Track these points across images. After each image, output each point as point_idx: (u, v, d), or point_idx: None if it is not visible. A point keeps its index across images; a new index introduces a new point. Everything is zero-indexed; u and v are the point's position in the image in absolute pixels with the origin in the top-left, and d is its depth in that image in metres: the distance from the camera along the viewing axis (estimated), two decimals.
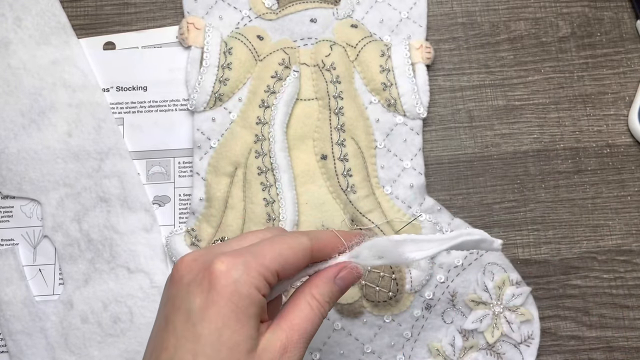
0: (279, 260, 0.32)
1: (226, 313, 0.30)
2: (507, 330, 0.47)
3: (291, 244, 0.33)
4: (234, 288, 0.30)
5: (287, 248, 0.33)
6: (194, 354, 0.30)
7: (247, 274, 0.31)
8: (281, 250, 0.32)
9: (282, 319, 0.33)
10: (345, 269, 0.34)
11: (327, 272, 0.34)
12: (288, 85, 0.49)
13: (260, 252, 0.32)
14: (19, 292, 0.48)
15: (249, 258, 0.32)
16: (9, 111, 0.50)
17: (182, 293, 0.31)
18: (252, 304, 0.31)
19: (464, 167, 0.51)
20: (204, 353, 0.30)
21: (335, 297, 0.35)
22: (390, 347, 0.47)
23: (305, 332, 0.33)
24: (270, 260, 0.32)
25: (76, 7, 0.53)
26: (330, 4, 0.52)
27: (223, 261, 0.31)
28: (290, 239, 0.33)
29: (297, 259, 0.33)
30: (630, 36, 0.53)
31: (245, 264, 0.31)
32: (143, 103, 0.51)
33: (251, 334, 0.31)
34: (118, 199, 0.49)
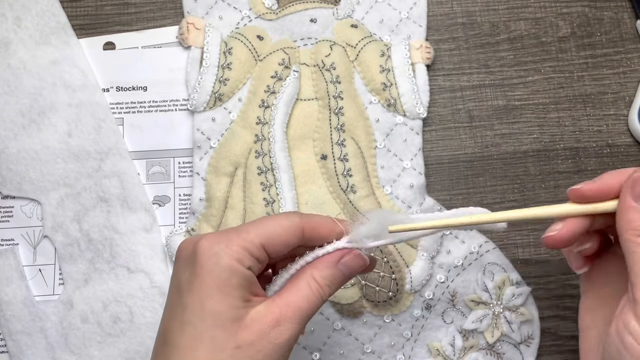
0: (264, 234, 0.33)
1: (208, 284, 0.32)
2: (507, 330, 0.47)
3: (279, 221, 0.34)
4: (215, 260, 0.32)
5: (274, 224, 0.33)
6: (181, 323, 0.32)
7: (228, 247, 0.32)
8: (268, 226, 0.33)
9: (279, 296, 0.33)
10: (349, 254, 0.34)
11: (330, 257, 0.34)
12: (288, 85, 0.49)
13: (245, 229, 0.33)
14: (19, 292, 0.48)
15: (232, 234, 0.33)
16: (9, 111, 0.50)
17: (176, 269, 0.34)
18: (233, 275, 0.32)
19: (464, 167, 0.51)
20: (189, 322, 0.32)
21: (337, 281, 0.35)
22: (390, 347, 0.47)
23: (301, 310, 0.33)
24: (255, 235, 0.33)
25: (76, 7, 0.53)
26: (330, 4, 0.52)
27: (207, 238, 0.33)
28: (280, 216, 0.34)
29: (286, 234, 0.33)
30: (630, 36, 0.53)
31: (227, 240, 0.33)
32: (143, 103, 0.51)
33: (235, 304, 0.32)
34: (118, 199, 0.49)
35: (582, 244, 0.36)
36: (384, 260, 0.47)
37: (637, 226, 0.32)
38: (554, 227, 0.34)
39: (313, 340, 0.47)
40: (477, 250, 0.48)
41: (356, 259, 0.35)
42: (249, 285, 0.33)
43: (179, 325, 0.32)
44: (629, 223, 0.32)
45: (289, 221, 0.34)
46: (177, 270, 0.34)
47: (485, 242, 0.48)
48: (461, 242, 0.48)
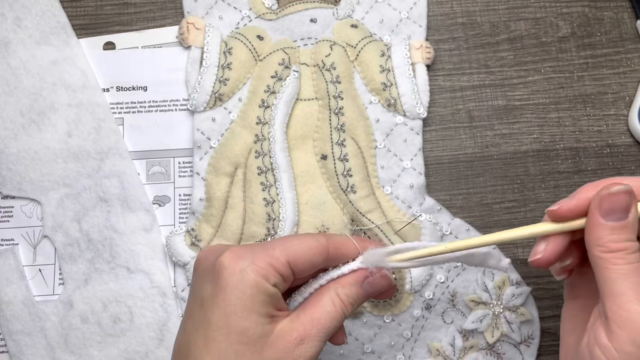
0: (290, 252, 0.33)
1: (232, 300, 0.31)
2: (507, 331, 0.47)
3: (306, 240, 0.34)
4: (240, 277, 0.31)
5: (300, 243, 0.33)
6: (205, 338, 0.31)
7: (253, 263, 0.32)
8: (294, 245, 0.33)
9: (303, 312, 0.33)
10: (376, 274, 0.35)
11: (355, 275, 0.34)
12: (288, 85, 0.49)
13: (271, 245, 0.33)
14: (19, 292, 0.48)
15: (258, 249, 0.33)
16: (8, 111, 0.50)
17: (198, 281, 0.33)
18: (259, 292, 0.32)
19: (464, 167, 0.51)
20: (214, 338, 0.31)
21: (359, 300, 0.35)
22: (390, 347, 0.47)
23: (324, 327, 0.33)
24: (281, 252, 0.33)
25: (76, 7, 0.53)
26: (330, 4, 0.52)
27: (232, 251, 0.32)
28: (307, 236, 0.34)
29: (312, 253, 0.33)
30: (630, 36, 0.53)
31: (252, 255, 0.32)
32: (143, 103, 0.51)
33: (260, 321, 0.32)
34: (118, 199, 0.49)
35: (563, 260, 0.36)
36: None
37: (604, 243, 0.32)
38: (538, 249, 0.35)
39: None
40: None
41: (382, 280, 0.35)
42: (274, 302, 0.32)
43: (203, 340, 0.32)
44: (596, 240, 0.32)
45: (316, 241, 0.34)
46: (199, 282, 0.33)
47: None
48: None
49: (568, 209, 0.34)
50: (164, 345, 0.47)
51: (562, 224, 0.34)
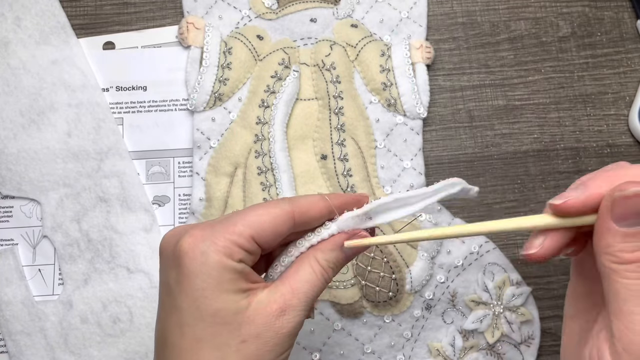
0: (252, 225, 0.31)
1: (199, 284, 0.30)
2: (508, 331, 0.47)
3: (268, 209, 0.32)
4: (202, 260, 0.30)
5: (262, 213, 0.32)
6: (179, 325, 0.31)
7: (214, 243, 0.31)
8: (256, 216, 0.32)
9: (282, 282, 0.32)
10: (354, 236, 0.33)
11: (334, 238, 0.33)
12: (288, 85, 0.49)
13: (231, 220, 0.32)
14: (19, 292, 0.48)
15: (218, 227, 0.31)
16: (8, 111, 0.50)
17: (162, 268, 0.33)
18: (225, 272, 0.31)
19: (464, 167, 0.51)
20: (187, 323, 0.31)
21: (340, 264, 0.34)
22: (390, 347, 0.47)
23: (306, 296, 0.32)
24: (243, 226, 0.31)
25: (76, 6, 0.53)
26: (330, 4, 0.52)
27: (191, 235, 0.31)
28: (269, 204, 0.33)
29: (275, 222, 0.32)
30: (630, 36, 0.53)
31: (212, 235, 0.31)
32: (143, 103, 0.51)
33: (232, 299, 0.31)
34: (118, 199, 0.49)
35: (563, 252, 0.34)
36: (384, 260, 0.47)
37: (615, 252, 0.29)
38: (534, 243, 0.32)
39: (313, 341, 0.47)
40: (477, 251, 0.48)
41: (362, 241, 0.33)
42: (244, 277, 0.31)
43: (177, 327, 0.31)
44: (606, 247, 0.29)
45: (279, 209, 0.32)
46: (163, 268, 0.33)
47: (486, 242, 0.48)
48: (461, 242, 0.48)
49: (574, 205, 0.30)
50: None
51: (566, 220, 0.31)
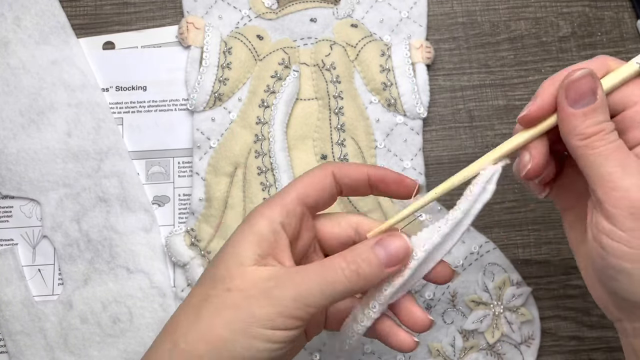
0: (298, 190, 0.35)
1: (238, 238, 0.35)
2: (508, 331, 0.47)
3: (312, 171, 0.36)
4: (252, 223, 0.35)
5: (307, 175, 0.36)
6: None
7: (266, 212, 0.35)
8: (302, 179, 0.36)
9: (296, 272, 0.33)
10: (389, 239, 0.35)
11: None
12: (288, 85, 0.49)
13: (286, 190, 0.36)
14: (19, 293, 0.48)
15: (276, 199, 0.35)
16: (8, 111, 0.50)
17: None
18: (251, 233, 0.34)
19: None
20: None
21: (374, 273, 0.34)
22: None
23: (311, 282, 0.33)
24: (289, 194, 0.35)
25: (75, 6, 0.53)
26: (330, 4, 0.52)
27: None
28: (313, 168, 0.36)
29: (318, 179, 0.36)
30: (630, 36, 0.53)
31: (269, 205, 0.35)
32: (142, 103, 0.51)
33: (247, 255, 0.33)
34: (117, 199, 0.49)
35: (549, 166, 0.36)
36: None
37: (580, 131, 0.31)
38: (524, 160, 0.34)
39: (313, 341, 0.47)
40: (477, 251, 0.48)
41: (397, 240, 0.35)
42: (271, 244, 0.33)
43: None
44: (572, 130, 0.32)
45: (320, 169, 0.36)
46: None
47: (486, 242, 0.48)
48: (461, 243, 0.48)
49: (537, 109, 0.33)
50: None
51: (537, 127, 0.33)
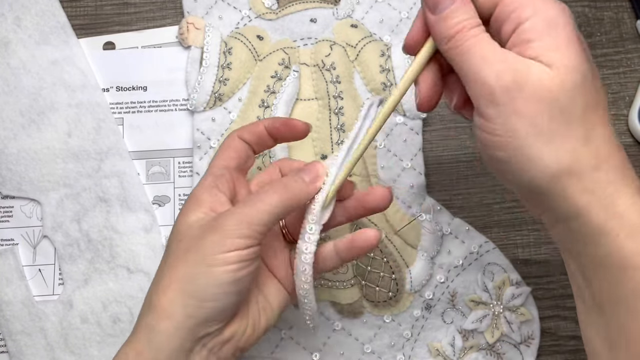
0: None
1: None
2: (507, 331, 0.47)
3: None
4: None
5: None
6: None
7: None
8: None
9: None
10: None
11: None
12: (288, 85, 0.49)
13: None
14: (19, 292, 0.48)
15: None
16: (8, 111, 0.50)
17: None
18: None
19: (464, 167, 0.51)
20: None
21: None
22: (390, 347, 0.47)
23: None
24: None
25: (76, 6, 0.53)
26: (330, 4, 0.52)
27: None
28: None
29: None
30: (630, 36, 0.53)
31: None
32: (143, 103, 0.51)
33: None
34: (118, 199, 0.49)
35: (450, 100, 0.36)
36: (384, 260, 0.47)
37: (444, 34, 0.32)
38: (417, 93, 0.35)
39: (313, 340, 0.47)
40: (477, 251, 0.48)
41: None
42: (209, 203, 0.36)
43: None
44: (438, 36, 0.32)
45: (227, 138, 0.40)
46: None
47: (485, 242, 0.48)
48: (461, 242, 0.48)
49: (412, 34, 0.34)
50: None
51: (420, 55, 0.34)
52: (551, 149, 0.30)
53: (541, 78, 0.30)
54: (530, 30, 0.31)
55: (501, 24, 0.32)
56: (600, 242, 0.30)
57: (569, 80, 0.30)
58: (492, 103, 0.30)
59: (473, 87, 0.31)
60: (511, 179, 0.32)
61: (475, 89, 0.31)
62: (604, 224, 0.30)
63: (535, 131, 0.30)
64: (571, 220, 0.31)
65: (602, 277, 0.31)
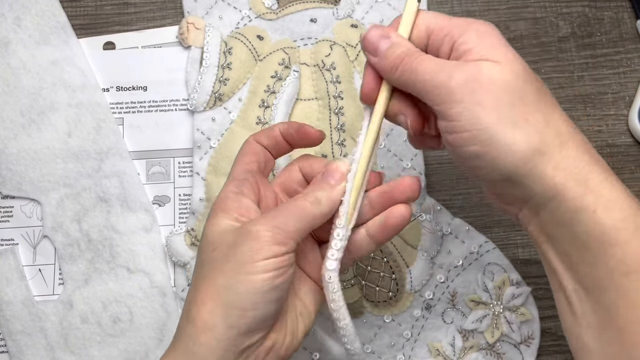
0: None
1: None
2: (507, 331, 0.47)
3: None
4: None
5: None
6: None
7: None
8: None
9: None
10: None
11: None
12: (288, 85, 0.49)
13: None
14: (19, 292, 0.48)
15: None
16: (8, 111, 0.50)
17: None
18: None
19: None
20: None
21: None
22: (390, 347, 0.47)
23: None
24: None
25: (76, 6, 0.53)
26: (330, 4, 0.52)
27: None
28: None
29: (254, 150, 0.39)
30: (630, 36, 0.53)
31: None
32: (143, 103, 0.51)
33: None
34: (118, 199, 0.49)
35: (405, 122, 0.37)
36: (384, 260, 0.47)
37: (389, 66, 0.35)
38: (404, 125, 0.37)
39: (313, 340, 0.47)
40: (477, 250, 0.48)
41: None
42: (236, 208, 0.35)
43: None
44: (385, 71, 0.35)
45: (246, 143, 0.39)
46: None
47: (485, 242, 0.48)
48: (461, 242, 0.48)
49: (365, 85, 0.36)
50: (164, 345, 0.47)
51: (379, 102, 0.36)
52: (518, 133, 0.31)
53: (493, 71, 0.32)
54: (466, 42, 0.33)
55: (437, 49, 0.35)
56: (580, 220, 0.31)
57: (517, 70, 0.33)
58: (454, 102, 0.32)
59: (431, 95, 0.33)
60: (486, 172, 0.33)
61: (434, 96, 0.33)
62: (580, 200, 0.31)
63: (500, 118, 0.31)
64: (549, 202, 0.32)
65: (585, 260, 0.31)
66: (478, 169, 0.33)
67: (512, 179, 0.32)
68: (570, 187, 0.31)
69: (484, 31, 0.34)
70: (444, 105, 0.32)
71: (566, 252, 0.32)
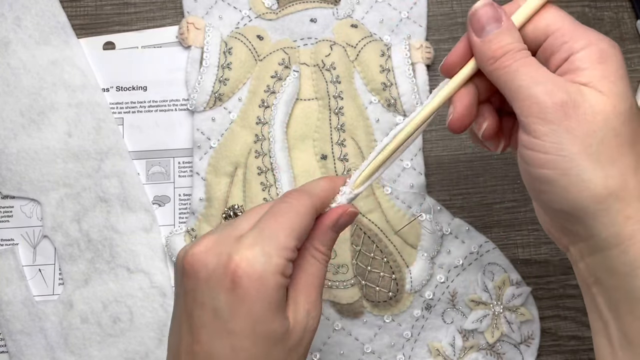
0: (293, 235, 0.32)
1: (257, 309, 0.31)
2: (507, 331, 0.47)
3: (295, 210, 0.33)
4: (260, 283, 0.31)
5: (295, 216, 0.33)
6: (232, 348, 0.31)
7: (269, 264, 0.31)
8: (292, 224, 0.33)
9: (297, 283, 0.34)
10: (343, 215, 0.35)
11: (323, 222, 0.35)
12: (288, 85, 0.49)
13: (274, 234, 0.32)
14: (19, 292, 0.48)
15: (266, 244, 0.32)
16: (8, 111, 0.50)
17: (202, 288, 0.32)
18: (279, 290, 0.32)
19: (464, 167, 0.51)
20: (242, 347, 0.31)
21: (334, 241, 0.36)
22: (390, 347, 0.47)
23: (319, 285, 0.34)
24: (286, 239, 0.32)
25: (76, 6, 0.53)
26: (330, 4, 0.52)
27: (242, 256, 0.31)
28: (292, 204, 0.33)
29: (306, 222, 0.33)
30: (630, 36, 0.53)
31: (264, 254, 0.31)
32: (143, 103, 0.51)
33: (283, 318, 0.32)
34: (118, 199, 0.49)
35: (480, 125, 0.36)
36: (384, 260, 0.47)
37: (490, 55, 0.32)
38: (449, 112, 0.35)
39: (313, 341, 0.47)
40: (477, 250, 0.48)
41: (350, 218, 0.35)
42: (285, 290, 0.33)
43: (229, 351, 0.31)
44: (483, 57, 0.33)
45: (303, 207, 0.33)
46: (206, 290, 0.32)
47: (486, 242, 0.48)
48: (461, 242, 0.48)
49: (452, 55, 0.34)
50: (164, 345, 0.47)
51: (458, 76, 0.34)
52: (600, 171, 0.30)
53: (595, 101, 0.30)
54: (582, 59, 0.31)
55: (551, 54, 0.32)
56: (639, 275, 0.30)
57: (620, 107, 0.30)
58: (543, 120, 0.30)
59: (522, 105, 0.31)
60: (553, 199, 0.31)
61: (525, 106, 0.31)
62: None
63: (586, 151, 0.30)
64: (610, 249, 0.30)
65: (635, 314, 0.30)
66: (545, 193, 0.32)
67: (578, 215, 0.31)
68: (637, 242, 0.30)
69: (607, 54, 0.31)
70: (532, 119, 0.31)
71: (615, 299, 0.31)
